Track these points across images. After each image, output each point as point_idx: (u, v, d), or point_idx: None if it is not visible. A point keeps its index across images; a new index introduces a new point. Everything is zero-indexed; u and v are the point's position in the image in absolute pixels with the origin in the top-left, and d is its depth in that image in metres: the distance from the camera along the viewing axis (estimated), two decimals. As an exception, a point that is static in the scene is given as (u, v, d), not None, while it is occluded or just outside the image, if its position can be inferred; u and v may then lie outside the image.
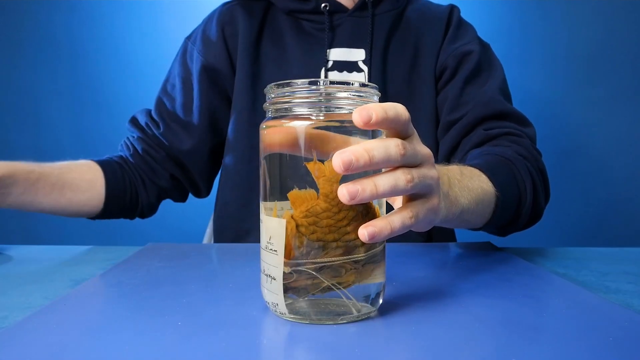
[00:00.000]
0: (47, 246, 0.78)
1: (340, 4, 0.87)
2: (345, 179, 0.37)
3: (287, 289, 0.38)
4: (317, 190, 0.37)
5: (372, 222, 0.37)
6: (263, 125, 0.40)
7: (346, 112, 0.38)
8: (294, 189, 0.38)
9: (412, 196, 0.41)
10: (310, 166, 0.37)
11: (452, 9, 0.91)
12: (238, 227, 0.87)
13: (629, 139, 1.62)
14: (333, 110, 0.38)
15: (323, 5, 0.86)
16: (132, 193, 0.86)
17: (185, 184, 0.92)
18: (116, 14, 1.69)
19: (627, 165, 1.62)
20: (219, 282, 0.56)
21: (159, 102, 0.91)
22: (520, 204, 0.68)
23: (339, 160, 0.35)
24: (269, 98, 0.40)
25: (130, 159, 0.88)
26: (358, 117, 0.35)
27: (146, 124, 0.89)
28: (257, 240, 0.41)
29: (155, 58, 1.63)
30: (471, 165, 0.64)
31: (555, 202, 0.77)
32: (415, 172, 0.38)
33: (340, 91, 0.38)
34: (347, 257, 0.38)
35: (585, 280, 0.57)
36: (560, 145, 1.61)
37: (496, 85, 0.83)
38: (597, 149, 1.63)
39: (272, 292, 0.39)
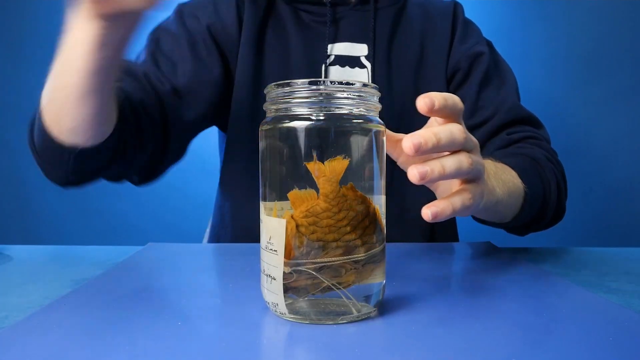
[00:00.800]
0: (47, 246, 0.78)
1: None
2: (345, 178, 0.38)
3: (287, 289, 0.38)
4: (317, 190, 0.37)
5: (435, 203, 0.41)
6: (263, 125, 0.40)
7: (346, 112, 0.38)
8: (294, 189, 0.38)
9: (466, 181, 0.45)
10: (310, 166, 0.37)
11: (456, 4, 0.91)
12: (237, 228, 0.87)
13: (629, 139, 1.62)
14: (333, 111, 0.38)
15: None
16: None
17: (154, 158, 0.76)
18: (116, 14, 1.69)
19: (627, 165, 1.62)
20: (219, 282, 0.56)
21: (157, 59, 0.80)
22: (545, 202, 0.70)
23: (409, 142, 0.38)
24: (269, 98, 0.40)
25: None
26: (423, 104, 0.39)
27: (146, 74, 0.77)
28: (256, 240, 0.41)
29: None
30: (501, 163, 0.65)
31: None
32: (473, 157, 0.43)
33: (341, 91, 0.38)
34: (347, 257, 0.38)
35: (585, 280, 0.57)
36: (560, 145, 1.60)
37: (513, 90, 0.86)
38: (597, 149, 1.63)
39: (272, 292, 0.39)
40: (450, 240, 0.88)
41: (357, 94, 0.39)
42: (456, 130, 0.41)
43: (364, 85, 0.39)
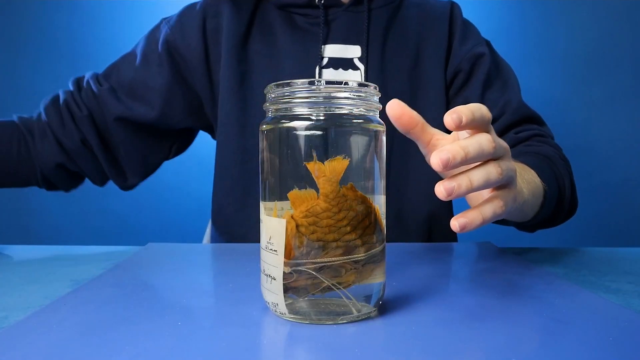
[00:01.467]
0: (47, 246, 0.78)
1: None
2: (345, 178, 0.38)
3: (287, 289, 0.38)
4: (317, 190, 0.37)
5: (464, 214, 0.40)
6: (263, 125, 0.40)
7: (346, 112, 0.38)
8: (294, 189, 0.38)
9: (498, 186, 0.43)
10: (310, 166, 0.37)
11: (453, 5, 0.91)
12: (234, 231, 0.85)
13: (629, 139, 1.62)
14: (333, 110, 0.38)
15: None
16: (21, 143, 0.81)
17: (102, 157, 0.84)
18: (116, 14, 1.69)
19: (627, 165, 1.62)
20: (219, 282, 0.56)
21: (110, 68, 0.87)
22: (560, 199, 0.71)
23: (437, 159, 0.37)
24: (269, 98, 0.40)
25: (42, 110, 0.83)
26: (450, 121, 0.38)
27: (87, 81, 0.85)
28: (255, 242, 0.41)
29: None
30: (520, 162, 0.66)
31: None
32: (503, 165, 0.42)
33: (341, 91, 0.38)
34: (347, 257, 0.38)
35: (585, 280, 0.57)
36: (560, 145, 1.61)
37: (516, 89, 0.87)
38: (596, 149, 1.63)
39: (272, 292, 0.39)
40: (448, 240, 0.88)
41: (357, 93, 0.39)
42: (485, 141, 0.40)
43: (364, 85, 0.39)
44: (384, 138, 0.41)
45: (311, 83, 0.38)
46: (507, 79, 0.87)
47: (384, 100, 0.40)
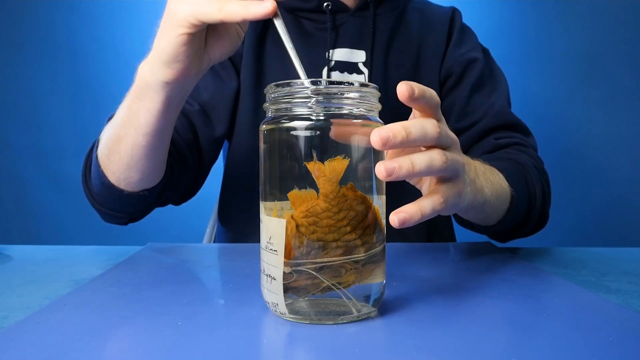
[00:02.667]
0: (47, 246, 0.78)
1: (342, 3, 0.86)
2: (345, 178, 0.37)
3: (287, 289, 0.38)
4: (317, 190, 0.37)
5: (403, 208, 0.38)
6: (263, 125, 0.40)
7: (346, 112, 0.38)
8: (294, 189, 0.38)
9: (441, 179, 0.42)
10: (310, 166, 0.37)
11: (454, 11, 0.91)
12: (240, 229, 0.87)
13: (629, 139, 1.62)
14: (333, 110, 0.38)
15: (325, 4, 0.85)
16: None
17: (201, 177, 0.82)
18: (116, 14, 1.69)
19: (627, 165, 1.62)
20: (219, 282, 0.56)
21: None
22: (530, 207, 0.69)
23: (377, 136, 0.36)
24: (269, 98, 0.40)
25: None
26: (404, 90, 0.38)
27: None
28: (259, 241, 0.41)
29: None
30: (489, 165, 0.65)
31: (555, 202, 0.78)
32: (449, 154, 0.40)
33: (341, 91, 0.38)
34: (347, 257, 0.38)
35: (585, 280, 0.57)
36: (559, 145, 1.61)
37: (503, 96, 0.86)
38: (596, 149, 1.63)
39: (272, 292, 0.39)
40: (448, 240, 0.88)
41: (357, 93, 0.39)
42: (429, 125, 0.39)
43: (364, 85, 0.39)
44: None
45: (311, 83, 0.38)
46: (497, 86, 0.86)
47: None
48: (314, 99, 0.38)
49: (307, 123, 0.37)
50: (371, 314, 0.40)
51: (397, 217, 0.38)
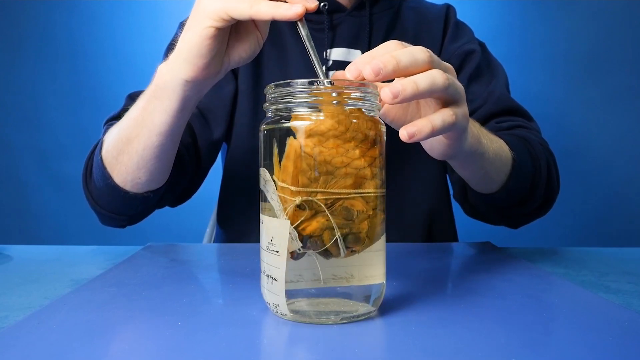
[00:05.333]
0: (47, 246, 0.78)
1: (338, 3, 0.86)
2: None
3: (302, 239, 0.36)
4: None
5: (413, 123, 0.39)
6: (263, 125, 0.40)
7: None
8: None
9: (446, 103, 0.42)
10: (317, 94, 0.37)
11: (449, 8, 0.92)
12: (240, 230, 0.87)
13: (629, 139, 1.62)
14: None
15: (322, 4, 0.85)
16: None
17: (197, 180, 0.83)
18: (116, 14, 1.69)
19: (627, 165, 1.62)
20: (219, 282, 0.56)
21: None
22: (535, 179, 0.68)
23: (369, 69, 0.37)
24: (269, 98, 0.40)
25: None
26: (354, 73, 0.39)
27: None
28: (259, 241, 0.41)
29: (155, 58, 1.62)
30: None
31: (555, 202, 0.77)
32: (450, 77, 0.41)
33: (340, 91, 0.38)
34: (358, 190, 0.37)
35: (585, 280, 0.57)
36: (560, 145, 1.60)
37: (502, 83, 0.85)
38: (596, 149, 1.63)
39: (274, 293, 0.38)
40: (449, 240, 0.88)
41: (356, 93, 0.39)
42: (418, 51, 0.39)
43: (363, 84, 0.39)
44: (384, 137, 0.41)
45: (311, 83, 0.38)
46: (495, 74, 0.86)
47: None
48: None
49: (307, 123, 0.37)
50: (371, 314, 0.40)
51: (407, 131, 0.38)
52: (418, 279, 0.54)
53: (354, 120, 0.37)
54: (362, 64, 0.38)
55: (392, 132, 0.49)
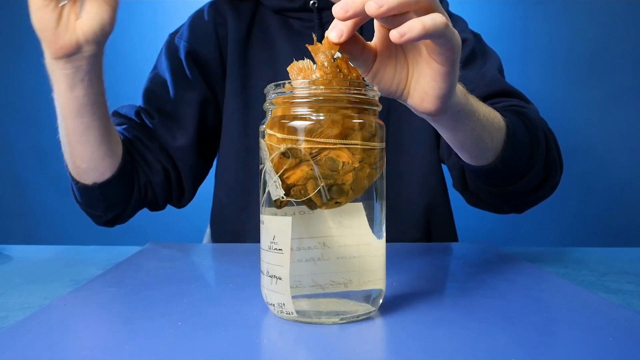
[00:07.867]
0: (47, 246, 0.78)
1: (328, 0, 0.85)
2: None
3: (285, 186, 0.37)
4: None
5: (403, 25, 0.38)
6: (262, 125, 0.40)
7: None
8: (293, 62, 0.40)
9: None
10: (310, 47, 0.40)
11: (441, 1, 0.91)
12: (235, 231, 0.86)
13: (629, 139, 1.62)
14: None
15: (312, 2, 0.85)
16: (138, 182, 0.78)
17: (174, 184, 0.83)
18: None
19: (627, 165, 1.62)
20: (219, 282, 0.56)
21: (148, 95, 0.85)
22: (532, 149, 0.65)
23: (369, 5, 0.37)
24: (269, 98, 0.40)
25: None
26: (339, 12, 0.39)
27: (137, 112, 0.82)
28: (256, 242, 0.41)
29: (155, 58, 1.63)
30: None
31: (555, 202, 0.77)
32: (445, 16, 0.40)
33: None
34: (344, 141, 0.37)
35: (585, 280, 0.57)
36: (560, 145, 1.61)
37: (495, 67, 0.83)
38: (597, 149, 1.63)
39: (278, 292, 0.38)
40: (448, 238, 0.88)
41: (355, 92, 0.39)
42: None
43: (362, 83, 0.39)
44: (384, 134, 0.41)
45: (311, 83, 0.38)
46: (488, 60, 0.84)
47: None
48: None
49: (307, 123, 0.37)
50: (371, 314, 0.40)
51: (398, 30, 0.37)
52: (418, 279, 0.54)
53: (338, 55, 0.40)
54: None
55: (387, 126, 0.49)
